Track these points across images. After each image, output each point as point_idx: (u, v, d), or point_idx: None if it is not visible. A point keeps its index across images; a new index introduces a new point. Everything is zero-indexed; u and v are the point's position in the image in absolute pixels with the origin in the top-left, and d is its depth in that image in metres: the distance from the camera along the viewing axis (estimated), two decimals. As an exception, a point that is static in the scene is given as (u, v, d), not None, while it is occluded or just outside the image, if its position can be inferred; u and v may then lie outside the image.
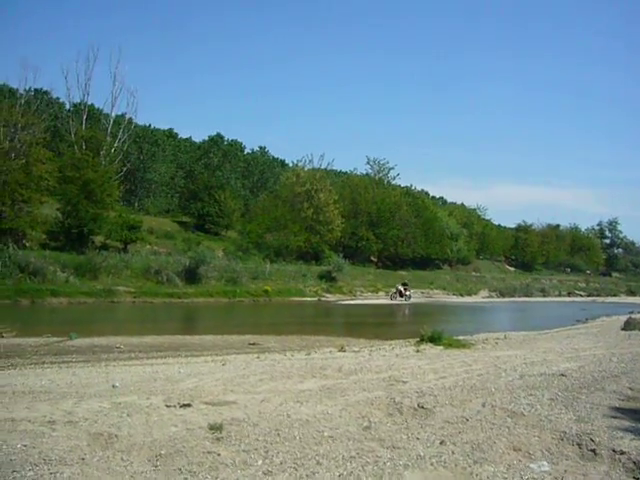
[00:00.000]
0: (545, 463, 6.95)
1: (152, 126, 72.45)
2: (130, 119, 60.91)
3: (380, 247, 69.20)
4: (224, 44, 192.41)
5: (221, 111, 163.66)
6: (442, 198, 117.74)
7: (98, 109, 62.82)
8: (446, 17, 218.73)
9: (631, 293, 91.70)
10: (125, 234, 45.36)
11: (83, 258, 38.54)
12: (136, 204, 65.86)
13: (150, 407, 9.10)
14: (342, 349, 17.73)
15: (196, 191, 61.90)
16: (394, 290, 52.13)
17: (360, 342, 21.85)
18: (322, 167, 73.06)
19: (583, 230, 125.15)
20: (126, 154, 59.87)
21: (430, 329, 20.75)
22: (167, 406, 9.21)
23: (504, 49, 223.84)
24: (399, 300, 50.30)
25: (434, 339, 19.56)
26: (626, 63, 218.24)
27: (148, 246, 48.34)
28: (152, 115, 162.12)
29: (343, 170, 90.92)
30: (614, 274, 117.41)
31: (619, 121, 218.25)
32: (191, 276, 42.73)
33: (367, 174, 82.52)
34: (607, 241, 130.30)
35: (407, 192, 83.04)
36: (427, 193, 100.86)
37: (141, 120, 68.02)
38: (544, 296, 75.42)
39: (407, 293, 51.70)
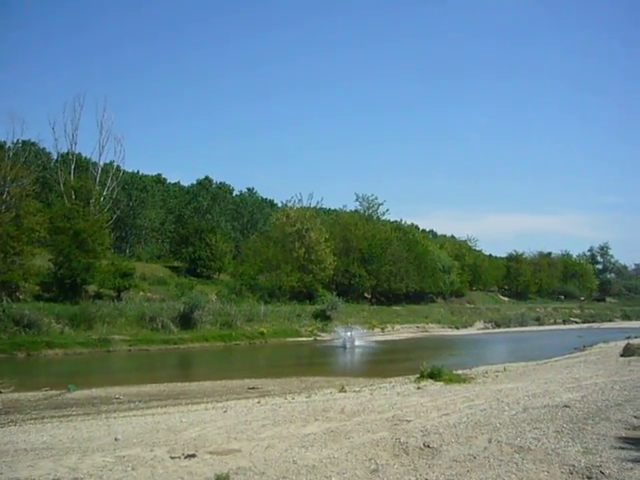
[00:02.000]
0: (557, 499, 6.92)
1: (140, 172, 72.70)
2: (118, 167, 60.99)
3: (373, 283, 69.16)
4: (203, 89, 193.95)
5: (208, 154, 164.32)
6: (432, 231, 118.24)
7: (86, 158, 62.73)
8: (432, 39, 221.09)
9: (626, 317, 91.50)
10: (118, 282, 45.15)
11: (77, 308, 38.32)
12: (127, 251, 65.67)
13: (154, 459, 9.03)
14: (342, 389, 17.67)
15: (187, 235, 61.88)
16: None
17: (359, 381, 21.79)
18: (311, 206, 73.29)
19: (575, 256, 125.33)
20: (115, 201, 59.82)
21: (429, 365, 20.72)
22: (171, 457, 9.15)
23: (488, 73, 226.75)
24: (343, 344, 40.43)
25: (434, 375, 19.51)
26: (616, 85, 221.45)
27: (141, 293, 48.05)
28: (140, 161, 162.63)
29: (332, 208, 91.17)
30: (608, 299, 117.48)
31: (605, 145, 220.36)
32: (186, 321, 42.51)
33: (357, 211, 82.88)
34: (599, 266, 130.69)
35: (397, 227, 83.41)
36: (417, 227, 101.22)
37: (129, 167, 68.27)
38: (539, 325, 75.39)
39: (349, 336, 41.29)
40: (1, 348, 31.87)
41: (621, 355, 27.42)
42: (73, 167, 57.97)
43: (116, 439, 10.76)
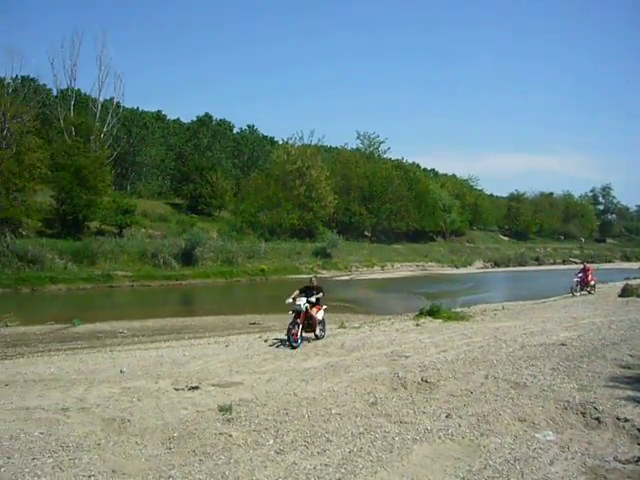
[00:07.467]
0: (550, 432, 7.12)
1: (140, 109, 72.01)
2: (118, 103, 60.22)
3: (373, 222, 69.35)
4: (206, 25, 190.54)
5: (208, 92, 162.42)
6: (434, 170, 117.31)
7: (85, 94, 61.87)
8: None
9: (626, 259, 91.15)
10: (120, 218, 45.32)
11: (80, 244, 38.55)
12: (128, 188, 65.51)
13: (159, 391, 9.25)
14: (342, 326, 17.87)
15: (187, 172, 61.66)
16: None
17: (359, 317, 22.04)
18: (312, 143, 72.60)
19: (576, 197, 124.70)
20: (116, 138, 59.21)
21: (428, 303, 20.94)
22: (176, 389, 9.37)
23: (493, 22, 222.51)
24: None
25: (433, 312, 19.71)
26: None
27: (143, 230, 48.19)
28: (140, 98, 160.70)
29: (334, 145, 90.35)
30: (608, 240, 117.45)
31: (611, 88, 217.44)
32: (187, 258, 42.74)
33: (358, 149, 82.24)
34: (601, 207, 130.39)
35: (398, 165, 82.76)
36: (418, 165, 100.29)
37: (129, 103, 67.62)
38: (539, 265, 75.54)
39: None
40: (6, 283, 32.25)
41: (619, 295, 27.65)
42: (73, 103, 57.21)
43: (121, 371, 10.98)
